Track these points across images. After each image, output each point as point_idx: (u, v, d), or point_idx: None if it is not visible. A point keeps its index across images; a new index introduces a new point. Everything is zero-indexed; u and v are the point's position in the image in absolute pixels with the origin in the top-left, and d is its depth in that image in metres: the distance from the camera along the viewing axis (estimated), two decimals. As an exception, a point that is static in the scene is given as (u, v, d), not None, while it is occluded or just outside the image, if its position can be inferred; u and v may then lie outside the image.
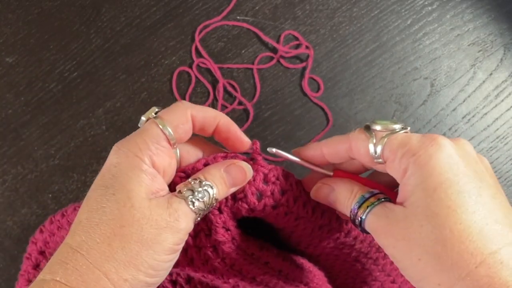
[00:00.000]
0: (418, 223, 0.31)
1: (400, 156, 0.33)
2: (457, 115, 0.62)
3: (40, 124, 0.61)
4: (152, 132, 0.35)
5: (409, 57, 0.62)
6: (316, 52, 0.62)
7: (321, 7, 0.64)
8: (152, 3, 0.64)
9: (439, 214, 0.30)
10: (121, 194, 0.32)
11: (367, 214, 0.34)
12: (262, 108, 0.62)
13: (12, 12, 0.64)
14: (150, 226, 0.32)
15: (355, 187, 0.36)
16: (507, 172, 0.61)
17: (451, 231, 0.30)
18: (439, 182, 0.31)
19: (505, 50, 0.63)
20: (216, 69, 0.62)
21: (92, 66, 0.62)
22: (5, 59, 0.63)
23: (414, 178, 0.32)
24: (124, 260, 0.31)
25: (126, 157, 0.33)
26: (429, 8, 0.63)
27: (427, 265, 0.30)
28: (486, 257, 0.29)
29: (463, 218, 0.30)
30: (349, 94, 0.62)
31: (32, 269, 0.49)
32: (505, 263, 0.29)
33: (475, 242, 0.29)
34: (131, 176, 0.33)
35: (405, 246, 0.31)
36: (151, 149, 0.34)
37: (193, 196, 0.34)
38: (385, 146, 0.34)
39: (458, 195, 0.30)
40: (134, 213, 0.32)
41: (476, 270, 0.29)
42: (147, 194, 0.33)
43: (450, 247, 0.29)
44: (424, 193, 0.31)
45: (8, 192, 0.60)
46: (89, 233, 0.31)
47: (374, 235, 0.34)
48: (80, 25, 0.63)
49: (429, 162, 0.32)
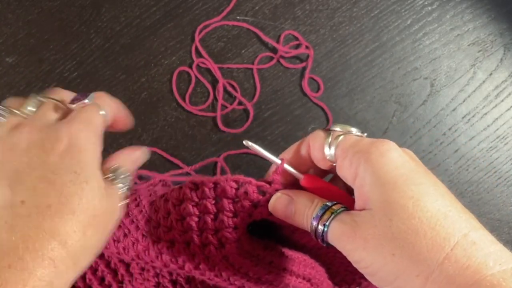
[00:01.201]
0: (386, 218, 0.31)
1: (351, 155, 0.34)
2: (457, 115, 0.62)
3: (40, 124, 0.61)
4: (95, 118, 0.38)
5: (409, 57, 0.62)
6: (316, 52, 0.62)
7: (321, 7, 0.64)
8: (152, 3, 0.64)
9: (405, 205, 0.31)
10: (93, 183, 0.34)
11: (331, 220, 0.34)
12: (262, 108, 0.62)
13: (12, 12, 0.64)
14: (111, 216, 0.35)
15: (315, 198, 0.36)
16: (507, 172, 0.61)
17: (420, 220, 0.30)
18: (396, 176, 0.32)
19: (505, 50, 0.63)
20: (216, 69, 0.62)
21: (92, 66, 0.62)
22: (5, 59, 0.63)
23: (369, 176, 0.32)
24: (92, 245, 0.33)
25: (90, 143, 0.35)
26: (429, 8, 0.63)
27: (403, 258, 0.30)
28: (458, 239, 0.29)
29: (428, 206, 0.31)
30: (349, 94, 0.62)
31: None
32: (477, 243, 0.29)
33: (444, 227, 0.30)
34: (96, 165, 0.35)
35: (376, 245, 0.31)
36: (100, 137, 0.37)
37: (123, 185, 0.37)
38: (339, 144, 0.35)
39: (418, 187, 0.31)
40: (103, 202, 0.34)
41: (452, 252, 0.29)
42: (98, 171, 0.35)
43: (422, 234, 0.30)
44: (384, 188, 0.32)
45: (8, 192, 0.60)
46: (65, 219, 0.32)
47: (338, 242, 0.33)
48: (80, 25, 0.63)
49: (381, 159, 0.33)
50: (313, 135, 0.37)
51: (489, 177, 0.61)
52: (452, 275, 0.28)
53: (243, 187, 0.37)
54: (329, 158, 0.36)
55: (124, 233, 0.42)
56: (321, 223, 0.34)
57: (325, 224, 0.34)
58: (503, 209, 0.60)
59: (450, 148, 0.61)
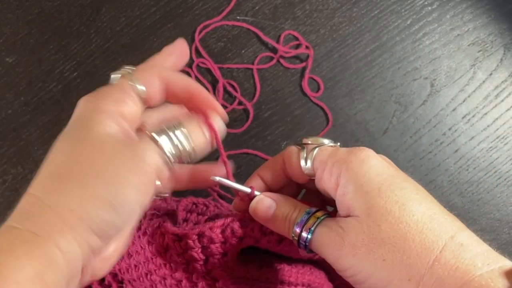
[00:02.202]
0: (374, 223, 0.31)
1: (330, 165, 0.34)
2: (457, 115, 0.62)
3: (40, 124, 0.61)
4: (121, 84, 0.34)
5: (409, 57, 0.62)
6: (316, 52, 0.62)
7: (321, 7, 0.64)
8: (152, 3, 0.64)
9: (392, 210, 0.31)
10: (81, 133, 0.30)
11: (316, 226, 0.33)
12: (262, 108, 0.62)
13: (12, 12, 0.64)
14: (108, 162, 0.29)
15: (298, 203, 0.36)
16: (507, 172, 0.61)
17: (408, 224, 0.30)
18: (379, 182, 0.32)
19: (505, 50, 0.63)
20: (216, 69, 0.62)
21: (92, 66, 0.62)
22: (5, 59, 0.63)
23: (351, 184, 0.32)
24: (77, 194, 0.28)
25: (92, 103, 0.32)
26: (429, 8, 0.63)
27: (393, 263, 0.30)
28: (446, 241, 0.30)
29: (414, 210, 0.31)
30: (349, 94, 0.62)
31: None
32: (464, 245, 0.30)
33: (431, 230, 0.30)
34: (94, 118, 0.31)
35: (366, 251, 0.31)
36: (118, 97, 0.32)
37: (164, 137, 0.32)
38: (315, 156, 0.35)
39: (402, 191, 0.32)
40: (92, 149, 0.30)
41: (441, 254, 0.29)
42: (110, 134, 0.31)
43: (411, 238, 0.30)
44: (369, 195, 0.32)
45: (8, 192, 0.60)
46: (44, 173, 0.30)
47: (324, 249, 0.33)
48: (80, 25, 0.63)
49: (363, 166, 0.33)
50: (287, 151, 0.37)
51: (489, 177, 0.61)
52: (442, 276, 0.29)
53: (228, 228, 0.37)
54: (306, 172, 0.36)
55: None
56: (305, 229, 0.33)
57: (310, 230, 0.33)
58: (503, 209, 0.60)
59: (450, 148, 0.61)
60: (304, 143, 0.37)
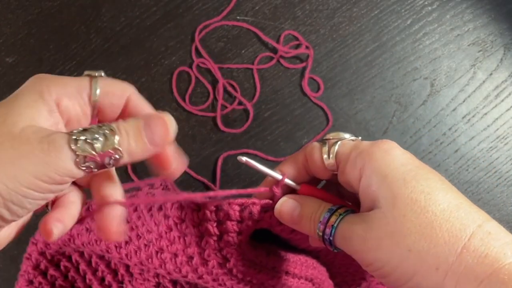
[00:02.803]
0: (399, 213, 0.30)
1: (353, 158, 0.34)
2: (457, 115, 0.62)
3: (40, 124, 0.61)
4: (80, 80, 0.32)
5: (409, 57, 0.62)
6: (316, 52, 0.62)
7: (321, 7, 0.64)
8: (152, 3, 0.64)
9: (417, 200, 0.31)
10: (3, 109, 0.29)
11: (339, 221, 0.33)
12: (262, 108, 0.62)
13: (12, 12, 0.64)
14: (11, 146, 0.27)
15: (322, 202, 0.36)
16: (507, 172, 0.61)
17: (434, 213, 0.30)
18: (404, 172, 0.32)
19: (505, 50, 0.63)
20: (216, 69, 0.62)
21: (92, 66, 0.62)
22: (5, 59, 0.63)
23: (375, 175, 0.32)
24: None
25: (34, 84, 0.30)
26: (429, 8, 0.63)
27: (420, 252, 0.30)
28: (474, 230, 0.29)
29: (440, 199, 0.31)
30: (349, 94, 0.62)
31: (32, 269, 0.49)
32: (493, 233, 0.29)
33: (459, 219, 0.30)
34: (25, 98, 0.29)
35: (391, 243, 0.30)
36: (66, 89, 0.31)
37: (81, 134, 0.28)
38: (337, 150, 0.35)
39: (427, 181, 0.31)
40: (2, 128, 0.28)
41: (469, 242, 0.29)
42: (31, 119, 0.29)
43: (438, 227, 0.30)
44: (394, 185, 0.31)
45: (8, 192, 0.60)
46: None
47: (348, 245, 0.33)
48: (80, 25, 0.63)
49: (386, 157, 0.33)
50: (309, 148, 0.37)
51: (489, 177, 0.61)
52: (471, 264, 0.28)
53: (247, 209, 0.37)
54: (329, 167, 0.36)
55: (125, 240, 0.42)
56: (328, 226, 0.34)
57: (332, 226, 0.33)
58: (503, 209, 0.60)
59: (450, 148, 0.61)
60: (325, 138, 0.37)
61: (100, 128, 0.29)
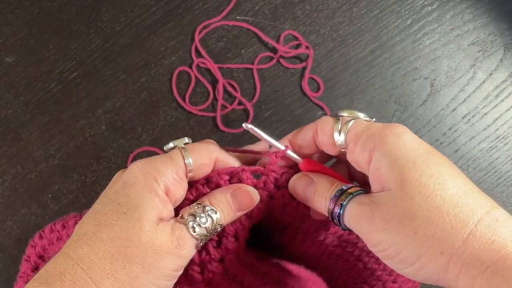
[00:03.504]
0: (407, 196, 0.31)
1: (365, 138, 0.34)
2: (457, 115, 0.62)
3: (40, 124, 0.61)
4: (176, 161, 0.35)
5: (409, 57, 0.62)
6: (316, 52, 0.62)
7: (321, 7, 0.64)
8: (152, 3, 0.64)
9: (426, 184, 0.31)
10: (133, 215, 0.32)
11: (349, 200, 0.34)
12: (262, 108, 0.62)
13: (12, 12, 0.64)
14: (154, 251, 0.31)
15: (336, 181, 0.36)
16: (507, 172, 0.61)
17: (442, 197, 0.30)
18: (415, 156, 0.32)
19: (505, 50, 0.63)
20: (216, 69, 0.62)
21: (92, 66, 0.62)
22: (5, 59, 0.63)
23: (386, 158, 0.32)
24: (123, 280, 0.30)
25: (145, 179, 0.33)
26: (429, 8, 0.63)
27: (426, 236, 0.30)
28: (482, 216, 0.29)
29: (449, 184, 0.31)
30: (349, 94, 0.62)
31: (31, 271, 0.49)
32: (500, 220, 0.29)
33: (467, 204, 0.30)
34: (146, 199, 0.32)
35: (397, 224, 0.30)
36: (169, 178, 0.34)
37: (194, 222, 0.33)
38: (350, 128, 0.35)
39: (437, 166, 0.31)
40: (142, 235, 0.31)
41: (476, 228, 0.29)
42: (157, 219, 0.33)
43: (445, 212, 0.30)
44: (404, 168, 0.31)
45: (8, 192, 0.60)
46: (93, 247, 0.31)
47: (356, 224, 0.33)
48: (80, 25, 0.63)
49: (398, 141, 0.33)
50: (322, 120, 0.37)
51: (489, 177, 0.61)
52: (477, 250, 0.28)
53: (236, 176, 0.37)
54: (339, 143, 0.36)
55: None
56: (337, 204, 0.34)
57: (342, 205, 0.33)
58: (503, 209, 0.60)
59: (450, 148, 0.61)
60: (340, 115, 0.37)
61: (204, 211, 0.34)
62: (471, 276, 0.28)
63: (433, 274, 0.30)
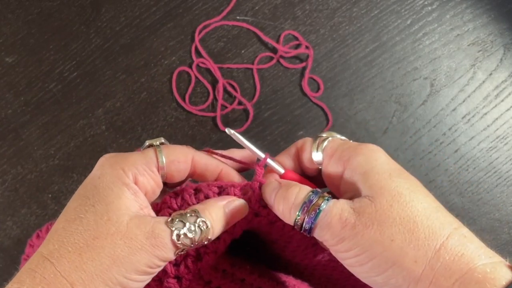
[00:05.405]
0: (387, 203, 0.31)
1: (340, 151, 0.35)
2: (457, 115, 0.62)
3: (40, 124, 0.61)
4: (146, 154, 0.35)
5: (409, 57, 0.62)
6: (316, 52, 0.62)
7: (321, 7, 0.64)
8: (152, 3, 0.64)
9: (403, 194, 0.32)
10: (100, 206, 0.32)
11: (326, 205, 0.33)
12: (262, 108, 0.62)
13: (12, 12, 0.64)
14: (124, 244, 0.31)
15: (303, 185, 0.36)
16: (507, 172, 0.61)
17: (417, 209, 0.31)
18: (389, 169, 0.33)
19: (505, 50, 0.63)
20: (216, 69, 0.62)
21: (92, 66, 0.62)
22: (5, 59, 0.63)
23: (361, 168, 0.33)
24: (93, 272, 0.30)
25: (112, 169, 0.33)
26: (429, 8, 0.63)
27: (402, 243, 0.30)
28: (451, 231, 0.31)
29: (421, 199, 0.32)
30: (349, 94, 0.62)
31: None
32: (468, 237, 0.31)
33: (438, 219, 0.31)
34: (112, 189, 0.32)
35: (376, 230, 0.31)
36: (138, 167, 0.34)
37: (181, 230, 0.32)
38: (327, 145, 0.37)
39: (410, 181, 0.33)
40: (110, 226, 0.31)
41: (447, 241, 0.30)
42: (127, 209, 0.32)
43: (420, 222, 0.31)
44: (381, 177, 0.33)
45: (8, 192, 0.60)
46: (63, 241, 0.31)
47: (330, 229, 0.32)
48: (80, 25, 0.63)
49: (373, 154, 0.34)
50: (301, 141, 0.39)
51: (489, 177, 0.61)
52: (448, 261, 0.29)
53: (225, 191, 0.36)
54: (316, 160, 0.37)
55: None
56: (313, 208, 0.33)
57: (319, 209, 0.33)
58: (503, 209, 0.60)
59: (450, 148, 0.61)
60: (318, 135, 0.38)
61: (195, 221, 0.33)
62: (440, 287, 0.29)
63: (403, 284, 0.31)
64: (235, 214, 0.36)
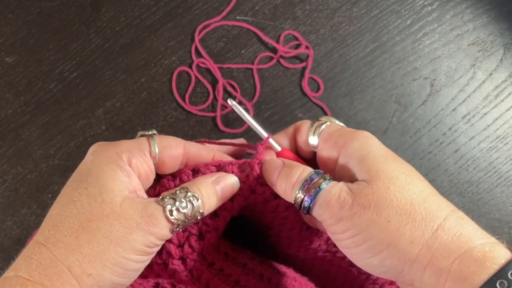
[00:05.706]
0: (384, 185, 0.32)
1: (336, 137, 0.36)
2: (457, 115, 0.62)
3: (40, 124, 0.61)
4: (139, 140, 0.35)
5: (409, 57, 0.62)
6: (316, 52, 0.62)
7: (321, 7, 0.64)
8: (152, 3, 0.64)
9: (399, 177, 0.32)
10: (93, 188, 0.32)
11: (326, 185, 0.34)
12: (262, 108, 0.62)
13: (12, 12, 0.64)
14: (120, 224, 0.31)
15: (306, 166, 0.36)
16: (507, 172, 0.61)
17: (413, 192, 0.32)
18: (385, 154, 0.34)
19: (505, 50, 0.63)
20: (216, 69, 0.62)
21: (92, 66, 0.62)
22: (5, 59, 0.63)
23: (357, 152, 0.34)
24: (90, 254, 0.30)
25: (105, 152, 0.33)
26: (429, 8, 0.63)
27: (399, 224, 0.31)
28: (448, 213, 0.31)
29: (417, 183, 0.32)
30: (349, 94, 0.62)
31: None
32: (464, 219, 0.31)
33: (435, 201, 0.32)
34: (106, 171, 0.32)
35: (373, 211, 0.31)
36: (131, 151, 0.34)
37: (173, 205, 0.33)
38: (324, 129, 0.37)
39: (405, 166, 0.34)
40: (104, 208, 0.31)
41: (444, 222, 0.30)
42: (121, 190, 0.32)
43: (417, 204, 0.31)
44: (378, 161, 0.33)
45: (8, 192, 0.60)
46: (58, 226, 0.31)
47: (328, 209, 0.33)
48: (80, 25, 0.63)
49: (368, 140, 0.35)
50: (299, 122, 0.39)
51: (489, 177, 0.61)
52: (446, 241, 0.30)
53: (223, 169, 0.37)
54: (311, 144, 0.37)
55: None
56: (313, 186, 0.34)
57: (319, 188, 0.33)
58: (503, 209, 0.60)
59: (450, 148, 0.61)
60: (317, 119, 0.38)
61: (185, 196, 0.33)
62: (438, 267, 0.29)
63: (398, 265, 0.31)
64: (226, 189, 0.36)
